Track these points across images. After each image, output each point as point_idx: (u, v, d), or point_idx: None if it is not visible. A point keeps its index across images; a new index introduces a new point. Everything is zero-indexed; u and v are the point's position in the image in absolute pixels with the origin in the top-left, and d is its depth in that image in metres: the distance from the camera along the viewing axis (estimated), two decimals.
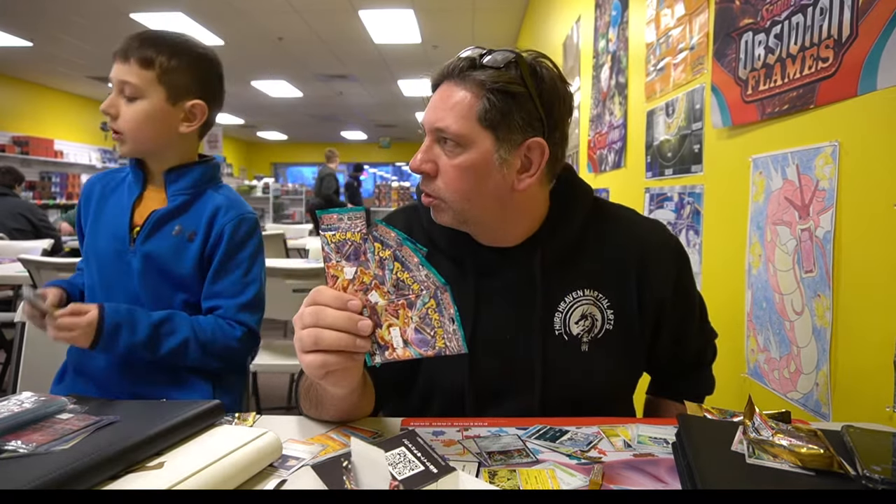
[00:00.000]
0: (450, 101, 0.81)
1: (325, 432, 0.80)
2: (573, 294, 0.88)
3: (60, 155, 8.77)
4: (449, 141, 0.81)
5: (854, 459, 0.58)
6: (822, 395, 0.96)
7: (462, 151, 0.81)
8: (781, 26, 1.09)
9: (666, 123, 1.76)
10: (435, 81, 0.86)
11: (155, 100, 1.07)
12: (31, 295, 0.98)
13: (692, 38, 1.55)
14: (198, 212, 1.10)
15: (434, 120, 0.82)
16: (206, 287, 1.10)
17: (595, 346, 0.89)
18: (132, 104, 1.06)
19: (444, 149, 0.82)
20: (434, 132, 0.82)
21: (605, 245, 0.91)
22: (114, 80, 1.06)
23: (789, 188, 1.07)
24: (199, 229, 1.09)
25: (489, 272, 0.89)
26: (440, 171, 0.83)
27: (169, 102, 1.08)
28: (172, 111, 1.09)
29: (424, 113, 0.85)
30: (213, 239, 1.09)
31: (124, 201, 1.10)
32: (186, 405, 0.73)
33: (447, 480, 0.59)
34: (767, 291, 1.15)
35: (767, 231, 1.15)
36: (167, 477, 0.59)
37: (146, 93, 1.06)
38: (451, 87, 0.82)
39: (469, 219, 0.86)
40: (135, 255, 1.07)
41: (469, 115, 0.80)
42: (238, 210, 1.13)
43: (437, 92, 0.84)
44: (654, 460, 0.71)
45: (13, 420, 0.67)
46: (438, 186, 0.83)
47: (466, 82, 0.81)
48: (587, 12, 2.93)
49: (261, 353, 2.40)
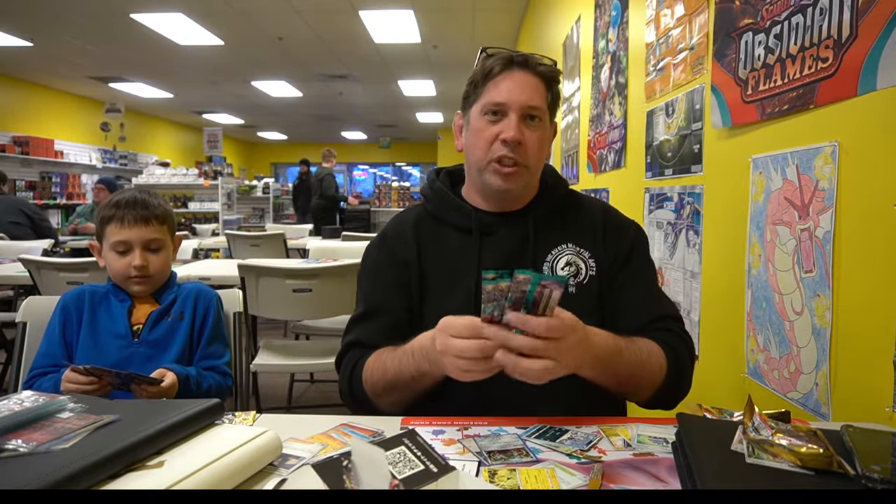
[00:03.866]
0: (532, 86, 1.03)
1: (325, 431, 0.80)
2: (559, 247, 1.08)
3: (60, 155, 8.77)
4: (536, 118, 1.03)
5: (853, 459, 0.58)
6: (822, 395, 0.96)
7: (542, 126, 1.04)
8: (781, 26, 1.09)
9: (666, 123, 1.76)
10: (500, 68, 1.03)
11: (170, 244, 1.39)
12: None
13: (692, 39, 1.55)
14: (182, 301, 1.38)
15: (527, 99, 1.01)
16: (200, 350, 1.36)
17: (581, 289, 1.05)
18: (158, 254, 1.34)
19: (529, 124, 1.02)
20: (525, 109, 1.01)
21: (581, 214, 1.12)
22: (135, 241, 1.31)
23: (789, 188, 1.07)
24: (185, 310, 1.37)
25: (490, 231, 1.08)
26: (527, 141, 1.02)
27: (173, 242, 1.41)
28: (172, 247, 1.41)
29: (506, 93, 1.02)
30: (201, 314, 1.38)
31: (117, 309, 1.33)
32: (186, 404, 0.73)
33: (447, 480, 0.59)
34: (767, 291, 1.15)
35: (767, 231, 1.15)
36: (167, 476, 0.59)
37: (166, 242, 1.37)
38: (528, 76, 1.03)
39: (530, 182, 1.08)
40: (140, 346, 1.30)
41: (544, 98, 1.04)
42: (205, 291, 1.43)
43: (514, 77, 1.02)
44: (653, 460, 0.71)
45: (13, 419, 0.67)
46: (527, 153, 1.02)
47: (538, 74, 1.03)
48: (587, 12, 2.93)
49: (261, 353, 2.40)
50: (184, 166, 8.57)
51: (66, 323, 1.30)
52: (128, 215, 1.30)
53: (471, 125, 1.07)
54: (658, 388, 0.96)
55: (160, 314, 1.34)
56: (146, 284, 1.33)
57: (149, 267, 1.31)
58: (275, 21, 5.79)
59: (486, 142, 1.02)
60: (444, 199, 1.11)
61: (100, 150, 9.89)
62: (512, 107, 1.01)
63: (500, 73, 1.03)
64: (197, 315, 1.38)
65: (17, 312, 1.43)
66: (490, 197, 1.08)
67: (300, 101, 10.18)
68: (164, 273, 1.37)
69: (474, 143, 1.05)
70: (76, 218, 5.57)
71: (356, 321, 1.09)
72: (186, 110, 11.46)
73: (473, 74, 1.07)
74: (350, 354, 1.05)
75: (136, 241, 1.30)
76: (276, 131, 14.63)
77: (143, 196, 1.35)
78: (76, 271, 2.46)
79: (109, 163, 9.96)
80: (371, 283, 1.11)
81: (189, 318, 1.36)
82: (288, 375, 3.21)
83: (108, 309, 1.33)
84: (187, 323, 1.36)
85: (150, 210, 1.32)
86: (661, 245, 1.79)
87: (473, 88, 1.07)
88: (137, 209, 1.31)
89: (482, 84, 1.04)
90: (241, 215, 8.62)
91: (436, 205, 1.11)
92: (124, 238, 1.30)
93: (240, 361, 1.49)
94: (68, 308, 1.31)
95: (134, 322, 1.32)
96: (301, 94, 9.60)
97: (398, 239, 1.10)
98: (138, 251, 1.30)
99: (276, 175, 16.50)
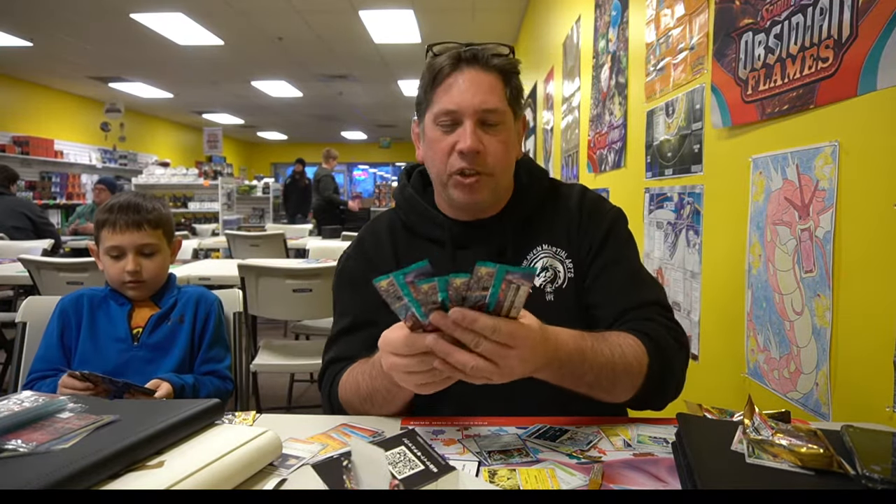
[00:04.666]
0: (486, 85, 0.91)
1: (325, 431, 0.80)
2: (534, 250, 1.00)
3: (60, 155, 8.76)
4: (494, 122, 0.92)
5: (854, 459, 0.58)
6: (822, 395, 0.96)
7: (503, 129, 0.93)
8: (781, 26, 1.09)
9: (666, 123, 1.76)
10: (448, 68, 0.93)
11: (166, 249, 1.37)
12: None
13: (692, 38, 1.55)
14: (182, 304, 1.37)
15: (481, 102, 0.91)
16: (201, 354, 1.35)
17: (559, 295, 0.98)
18: (152, 258, 1.33)
19: (487, 129, 0.92)
20: (479, 113, 0.91)
21: (558, 210, 1.03)
22: (127, 246, 1.29)
23: (789, 188, 1.07)
24: (186, 314, 1.36)
25: (464, 244, 1.00)
26: (486, 149, 0.92)
27: (169, 247, 1.39)
28: (169, 251, 1.39)
29: (457, 97, 0.91)
30: (202, 318, 1.37)
31: (116, 313, 1.32)
32: (186, 404, 0.73)
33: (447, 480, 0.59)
34: (767, 291, 1.15)
35: (767, 231, 1.15)
36: (167, 476, 0.59)
37: (160, 247, 1.35)
38: (480, 74, 0.92)
39: (499, 189, 0.98)
40: (140, 349, 1.29)
41: (502, 95, 0.93)
42: (211, 296, 1.43)
43: (464, 78, 0.92)
44: (653, 460, 0.71)
45: (13, 419, 0.67)
46: (488, 162, 0.92)
47: (490, 69, 0.92)
48: (587, 12, 2.93)
49: (261, 353, 2.40)
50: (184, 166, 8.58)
51: (65, 327, 1.30)
52: (120, 220, 1.29)
53: (426, 135, 0.97)
54: (640, 388, 0.84)
55: (160, 318, 1.34)
56: (141, 289, 1.33)
57: (142, 272, 1.31)
58: (275, 21, 5.79)
59: (443, 154, 0.92)
60: (416, 208, 1.03)
61: (100, 150, 9.89)
62: (465, 113, 0.90)
63: (448, 73, 0.92)
64: (198, 319, 1.37)
65: (17, 312, 1.43)
66: (459, 208, 0.99)
67: (300, 101, 10.18)
68: (160, 278, 1.37)
69: (431, 156, 0.95)
70: (76, 218, 5.57)
71: (341, 335, 1.01)
72: (186, 110, 11.46)
73: (422, 77, 0.96)
74: (329, 371, 0.98)
75: (129, 247, 1.30)
76: (276, 131, 14.62)
77: (137, 200, 1.34)
78: (76, 271, 2.46)
79: (109, 163, 9.95)
80: (352, 294, 1.02)
81: (190, 322, 1.36)
82: (288, 375, 3.21)
83: (107, 312, 1.33)
84: (188, 327, 1.36)
85: (143, 214, 1.31)
86: (661, 245, 1.79)
87: (424, 94, 0.96)
88: (129, 214, 1.30)
89: (431, 88, 0.94)
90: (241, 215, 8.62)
91: (407, 214, 1.04)
92: (117, 243, 1.30)
93: (240, 361, 1.49)
94: (67, 312, 1.31)
95: (134, 326, 1.32)
96: (301, 94, 9.60)
97: (376, 247, 1.03)
98: (131, 256, 1.30)
99: (276, 175, 16.46)
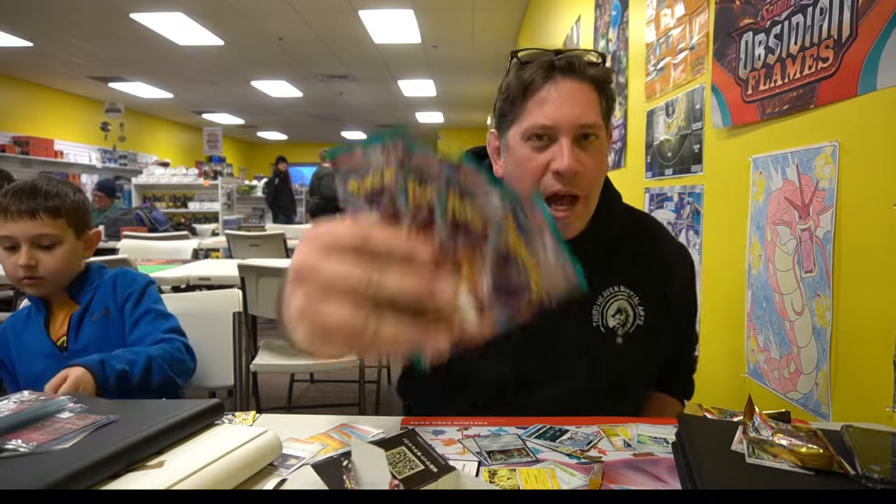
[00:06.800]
0: (584, 97, 0.83)
1: (325, 431, 0.80)
2: (610, 289, 0.93)
3: (60, 155, 8.76)
4: (591, 135, 0.83)
5: (853, 459, 0.58)
6: (822, 395, 0.96)
7: (598, 144, 0.84)
8: (781, 26, 1.09)
9: (666, 123, 1.76)
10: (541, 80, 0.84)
11: (72, 240, 1.21)
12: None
13: (692, 38, 1.55)
14: (102, 294, 1.24)
15: (579, 116, 0.82)
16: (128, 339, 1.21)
17: (628, 339, 0.92)
18: (51, 251, 1.18)
19: (584, 145, 0.83)
20: (576, 129, 0.82)
21: (637, 249, 0.95)
22: (20, 236, 1.15)
23: (789, 188, 1.07)
24: (109, 304, 1.23)
25: None
26: (585, 169, 0.83)
27: (79, 238, 1.23)
28: (80, 245, 1.24)
29: (553, 111, 0.82)
30: (122, 300, 1.24)
31: (37, 328, 1.21)
32: (186, 404, 0.73)
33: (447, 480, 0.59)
34: (767, 291, 1.15)
35: (767, 231, 1.15)
36: (167, 476, 0.59)
37: (63, 238, 1.19)
38: (576, 85, 0.83)
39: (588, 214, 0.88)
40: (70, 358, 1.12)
41: (598, 109, 0.84)
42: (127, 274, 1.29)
43: (561, 89, 0.83)
44: (653, 460, 0.71)
45: (13, 419, 0.67)
46: (584, 184, 0.83)
47: (586, 79, 0.84)
48: (587, 12, 2.93)
49: (261, 353, 2.40)
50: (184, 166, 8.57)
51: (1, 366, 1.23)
52: (12, 207, 1.14)
53: (511, 151, 0.87)
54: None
55: (80, 316, 1.20)
56: (39, 287, 1.18)
57: (38, 267, 1.16)
58: (275, 21, 5.79)
59: (533, 174, 0.83)
60: None
61: (100, 150, 9.89)
62: (562, 129, 0.82)
63: (541, 85, 0.83)
64: (119, 303, 1.23)
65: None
66: None
67: (300, 101, 10.18)
68: (63, 273, 1.20)
69: (520, 174, 0.85)
70: None
71: None
72: (186, 110, 11.45)
73: (508, 87, 0.87)
74: None
75: (22, 237, 1.15)
76: (276, 131, 14.61)
77: (38, 184, 1.18)
78: None
79: (109, 163, 9.95)
80: None
81: (116, 311, 1.22)
82: (288, 375, 3.21)
83: (33, 328, 1.21)
84: (115, 316, 1.22)
85: (39, 201, 1.15)
86: None
87: (510, 106, 0.87)
88: (24, 201, 1.15)
89: (521, 100, 0.85)
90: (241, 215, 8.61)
91: None
92: (9, 233, 1.15)
93: (240, 361, 1.48)
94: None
95: (58, 335, 1.21)
96: (301, 94, 9.59)
97: None
98: (25, 248, 1.15)
99: None
